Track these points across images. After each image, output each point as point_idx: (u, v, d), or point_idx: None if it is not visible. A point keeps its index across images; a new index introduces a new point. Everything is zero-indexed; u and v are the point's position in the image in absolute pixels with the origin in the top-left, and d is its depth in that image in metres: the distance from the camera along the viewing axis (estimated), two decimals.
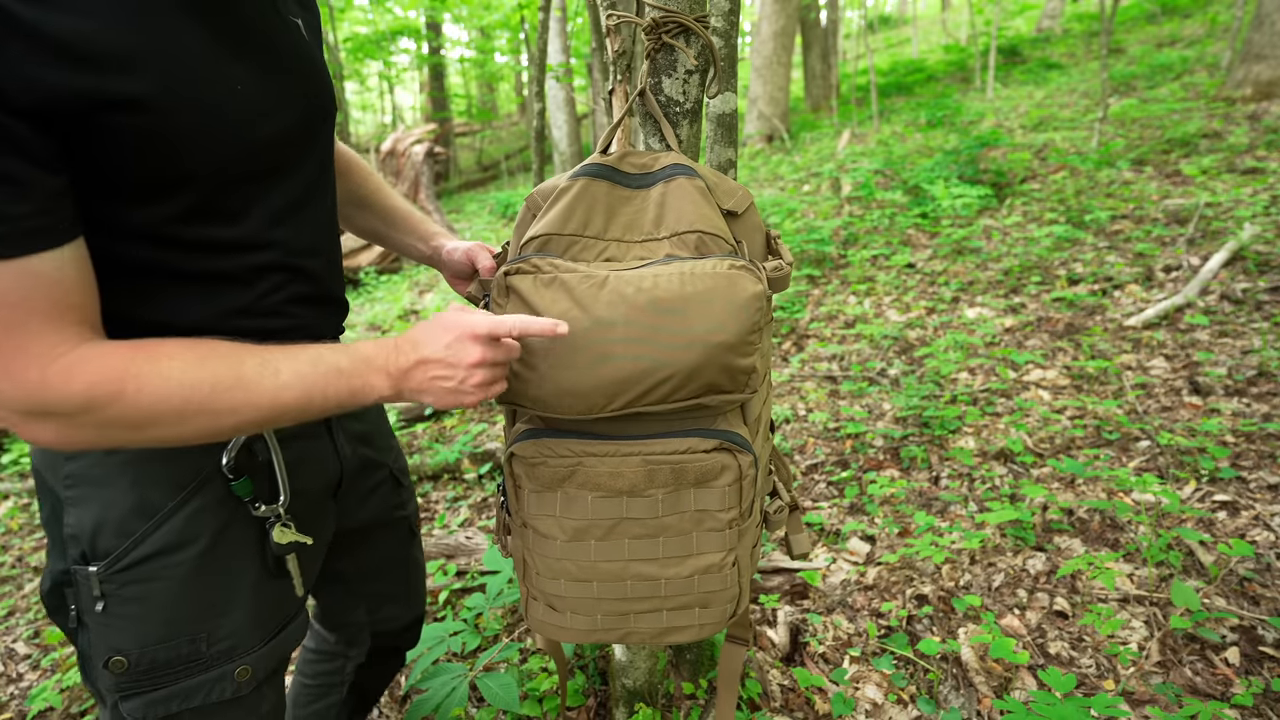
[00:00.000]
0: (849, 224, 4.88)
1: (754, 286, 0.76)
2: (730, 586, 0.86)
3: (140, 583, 0.72)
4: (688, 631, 0.89)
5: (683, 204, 0.82)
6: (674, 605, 0.87)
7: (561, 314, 0.74)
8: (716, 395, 0.78)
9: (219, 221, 0.69)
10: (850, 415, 2.73)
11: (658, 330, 0.74)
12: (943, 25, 17.09)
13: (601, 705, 1.52)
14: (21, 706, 1.78)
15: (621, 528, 0.82)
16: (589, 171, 0.84)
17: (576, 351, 0.74)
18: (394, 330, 5.13)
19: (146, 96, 0.57)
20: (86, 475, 0.71)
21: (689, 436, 0.80)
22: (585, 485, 0.80)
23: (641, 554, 0.83)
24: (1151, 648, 1.55)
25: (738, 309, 0.75)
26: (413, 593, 1.16)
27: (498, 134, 18.43)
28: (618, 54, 0.97)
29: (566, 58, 7.45)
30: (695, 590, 0.86)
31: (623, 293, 0.74)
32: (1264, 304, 2.97)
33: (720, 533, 0.83)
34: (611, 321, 0.74)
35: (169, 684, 0.74)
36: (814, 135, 8.93)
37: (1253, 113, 5.14)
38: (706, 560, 0.84)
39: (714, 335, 0.75)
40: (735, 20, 1.27)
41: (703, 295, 0.75)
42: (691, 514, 0.82)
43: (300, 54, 0.75)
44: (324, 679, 1.18)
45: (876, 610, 1.78)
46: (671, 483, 0.81)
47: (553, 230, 0.81)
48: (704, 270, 0.76)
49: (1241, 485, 2.01)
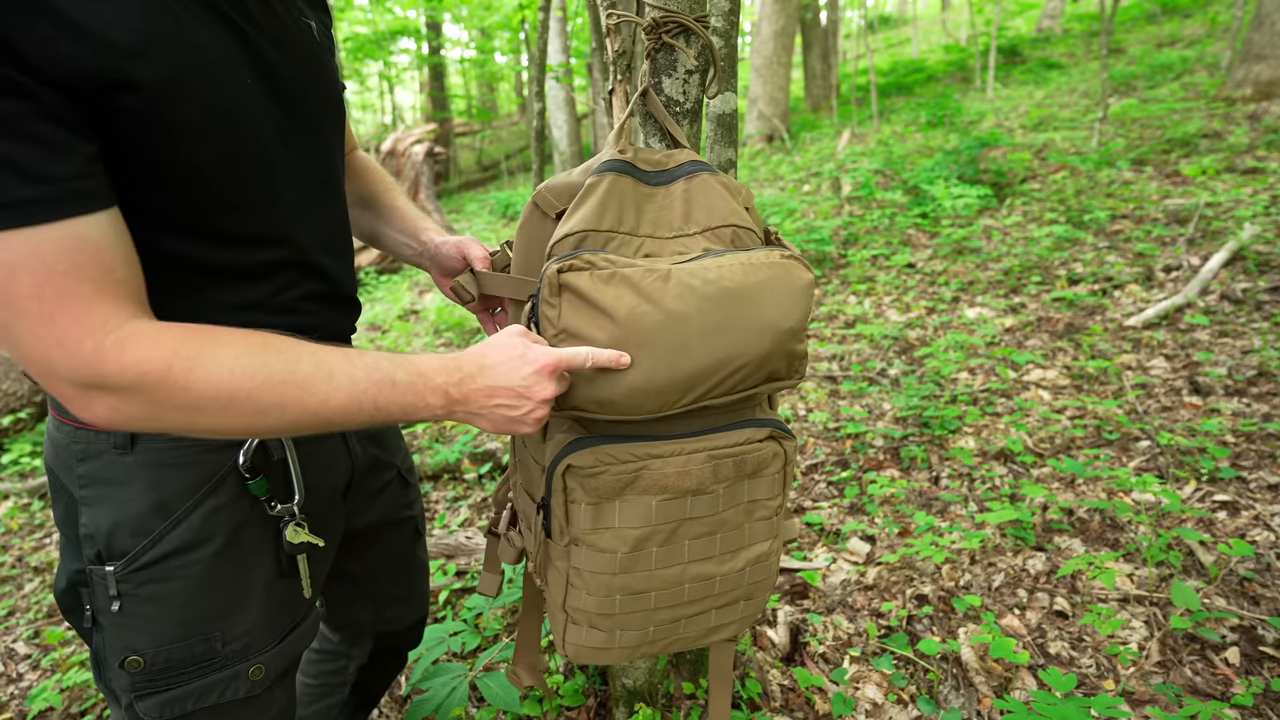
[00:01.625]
0: (849, 224, 4.88)
1: (807, 274, 0.79)
2: (773, 574, 0.87)
3: (157, 582, 0.72)
4: (730, 628, 0.89)
5: (712, 200, 0.82)
6: (724, 602, 0.87)
7: (629, 310, 0.71)
8: (774, 382, 0.79)
9: (231, 215, 0.69)
10: (850, 415, 2.73)
11: (731, 319, 0.74)
12: (943, 25, 17.09)
13: (601, 705, 1.52)
14: (22, 706, 1.78)
15: (683, 529, 0.80)
16: (613, 168, 0.81)
17: (650, 348, 0.72)
18: (394, 330, 5.13)
19: (157, 83, 0.58)
20: (101, 476, 0.71)
21: (744, 428, 0.81)
22: (650, 489, 0.77)
23: (700, 554, 0.82)
24: (1151, 648, 1.55)
25: (798, 295, 0.77)
26: (417, 594, 1.16)
27: (498, 134, 18.43)
28: (618, 54, 0.97)
29: (566, 58, 7.45)
30: (745, 583, 0.86)
31: (690, 284, 0.73)
32: (1264, 304, 2.97)
33: (769, 520, 0.85)
34: (685, 314, 0.72)
35: (184, 683, 0.74)
36: (814, 135, 8.93)
37: (1253, 113, 5.14)
38: (758, 550, 0.85)
39: (782, 321, 0.76)
40: (735, 20, 1.27)
41: (767, 284, 0.76)
42: (745, 505, 0.83)
43: (311, 55, 0.76)
44: (326, 679, 1.18)
45: (876, 610, 1.77)
46: (732, 475, 0.80)
47: (589, 226, 0.77)
48: (760, 260, 0.77)
49: (1241, 485, 2.01)
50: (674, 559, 0.81)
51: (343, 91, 0.85)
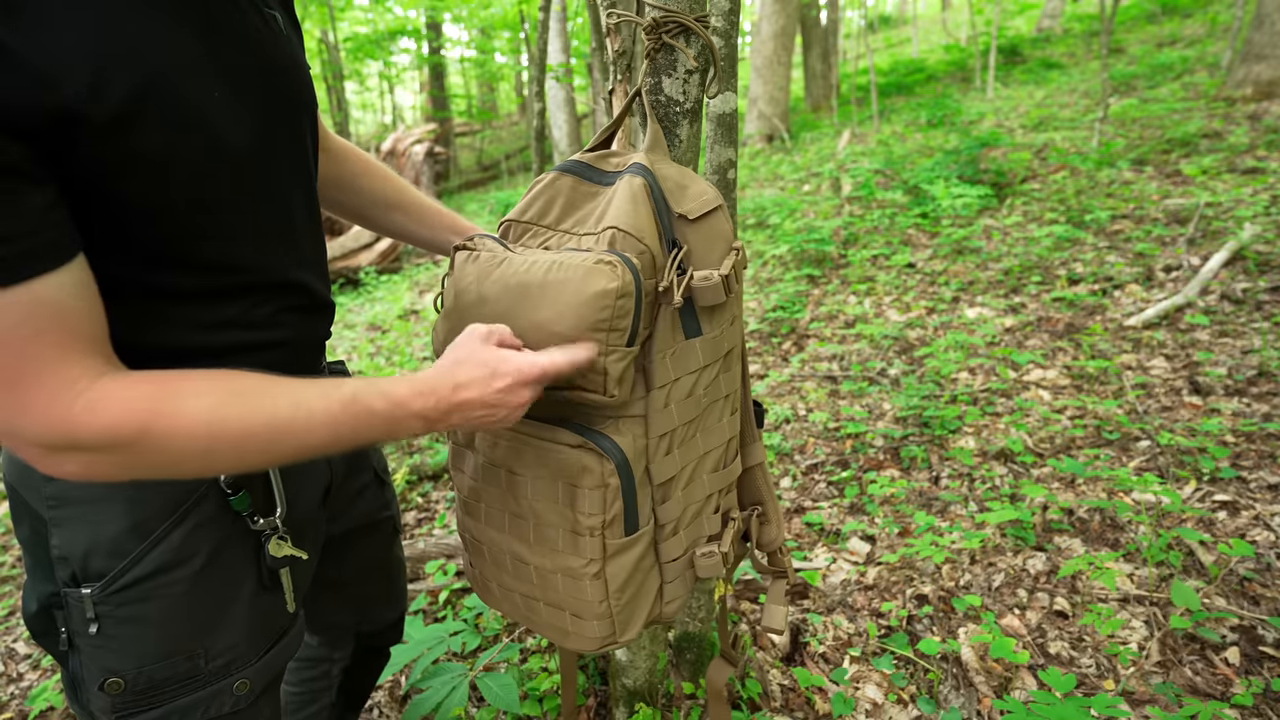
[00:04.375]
0: (849, 224, 4.88)
1: (606, 284, 0.72)
2: (599, 602, 0.83)
3: (137, 603, 0.70)
4: (572, 638, 0.88)
5: (621, 202, 0.80)
6: (550, 601, 0.87)
7: (466, 285, 0.81)
8: (576, 391, 0.78)
9: (202, 240, 0.66)
10: (850, 415, 2.73)
11: (513, 311, 0.77)
12: (943, 25, 17.09)
13: (601, 705, 1.52)
14: (22, 706, 1.78)
15: (502, 501, 0.87)
16: (562, 166, 0.88)
17: (463, 322, 0.79)
18: (394, 330, 5.13)
19: (115, 114, 0.55)
20: (73, 495, 0.68)
21: (562, 427, 0.81)
22: (479, 450, 0.88)
23: (515, 532, 0.87)
24: (1151, 648, 1.55)
25: (581, 302, 0.73)
26: (396, 592, 1.16)
27: (498, 134, 18.43)
28: (618, 54, 0.97)
29: (566, 58, 7.45)
30: (561, 590, 0.85)
31: (504, 274, 0.78)
32: (1264, 304, 2.97)
33: (581, 537, 0.81)
34: (485, 298, 0.79)
35: (167, 701, 0.73)
36: (814, 135, 8.93)
37: (1253, 112, 5.14)
38: (567, 561, 0.83)
39: (553, 324, 0.74)
40: (735, 20, 1.27)
41: (556, 284, 0.74)
42: (559, 509, 0.82)
43: (279, 51, 0.73)
44: (310, 684, 1.17)
45: (876, 610, 1.78)
46: (535, 465, 0.82)
47: (513, 217, 0.88)
48: (574, 262, 0.74)
49: (1241, 485, 2.01)
50: (496, 525, 0.89)
51: (311, 85, 0.82)
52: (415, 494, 2.69)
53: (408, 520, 2.54)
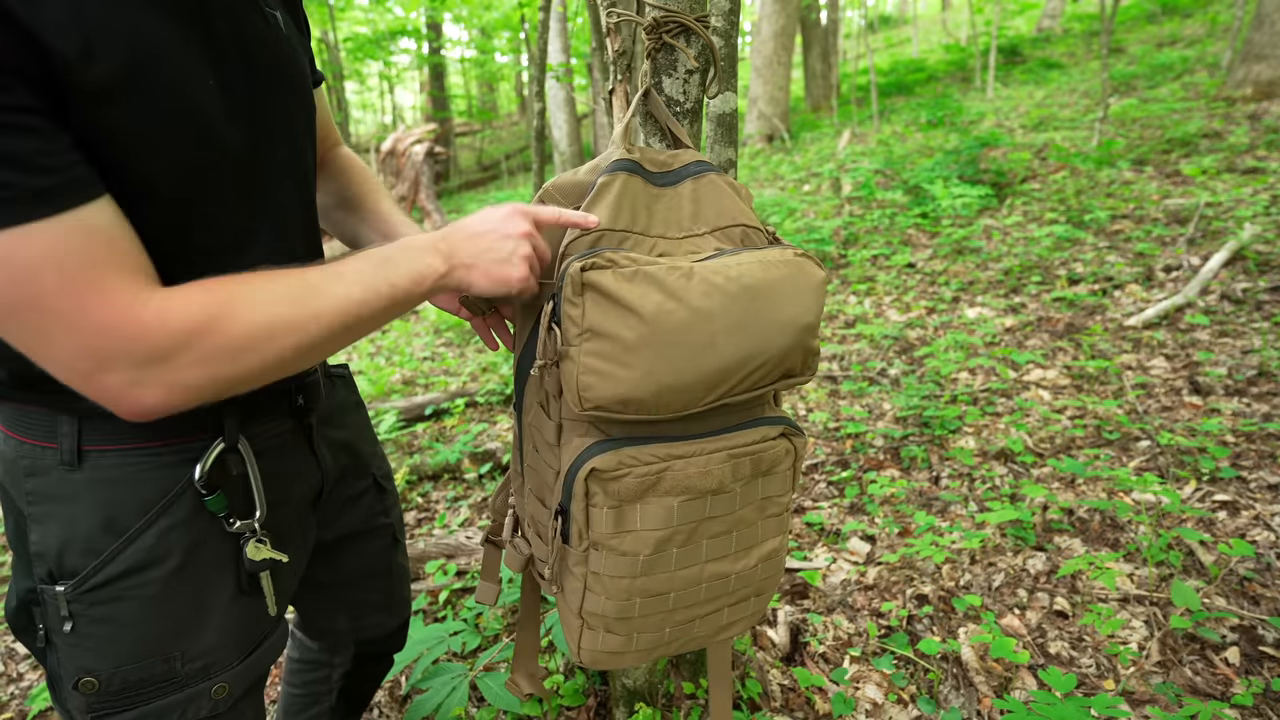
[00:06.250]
0: (849, 224, 4.88)
1: (820, 272, 0.80)
2: (781, 569, 0.89)
3: (110, 603, 0.69)
4: (741, 624, 0.90)
5: (720, 199, 0.83)
6: (737, 599, 0.88)
7: (655, 307, 0.71)
8: (789, 378, 0.80)
9: (194, 229, 0.66)
10: (850, 415, 2.73)
11: (754, 316, 0.75)
12: (943, 25, 17.09)
13: (601, 705, 1.52)
14: (22, 706, 1.78)
15: (702, 529, 0.80)
16: (624, 167, 0.81)
17: (679, 345, 0.72)
18: (394, 330, 5.13)
19: (106, 88, 0.55)
20: (49, 492, 0.69)
21: (759, 425, 0.81)
22: (672, 491, 0.76)
23: (717, 552, 0.82)
24: (1151, 647, 1.55)
25: (813, 291, 0.78)
26: (396, 600, 1.14)
27: (498, 134, 18.44)
28: (618, 54, 0.97)
29: (566, 58, 7.45)
30: (757, 579, 0.87)
31: (714, 282, 0.73)
32: (1264, 304, 2.97)
33: (779, 517, 0.86)
34: (710, 311, 0.73)
35: (142, 703, 0.72)
36: (814, 135, 8.93)
37: (1253, 112, 5.14)
38: (769, 546, 0.86)
39: (801, 317, 0.77)
40: (735, 20, 1.27)
41: (784, 280, 0.77)
42: (758, 502, 0.83)
43: (279, 49, 0.73)
44: (311, 687, 1.16)
45: (877, 610, 1.78)
46: (749, 474, 0.81)
47: (605, 226, 0.78)
48: (775, 258, 0.78)
49: (1241, 485, 2.01)
50: (693, 559, 0.80)
51: (309, 82, 0.82)
52: (415, 494, 2.69)
53: (407, 520, 2.54)
